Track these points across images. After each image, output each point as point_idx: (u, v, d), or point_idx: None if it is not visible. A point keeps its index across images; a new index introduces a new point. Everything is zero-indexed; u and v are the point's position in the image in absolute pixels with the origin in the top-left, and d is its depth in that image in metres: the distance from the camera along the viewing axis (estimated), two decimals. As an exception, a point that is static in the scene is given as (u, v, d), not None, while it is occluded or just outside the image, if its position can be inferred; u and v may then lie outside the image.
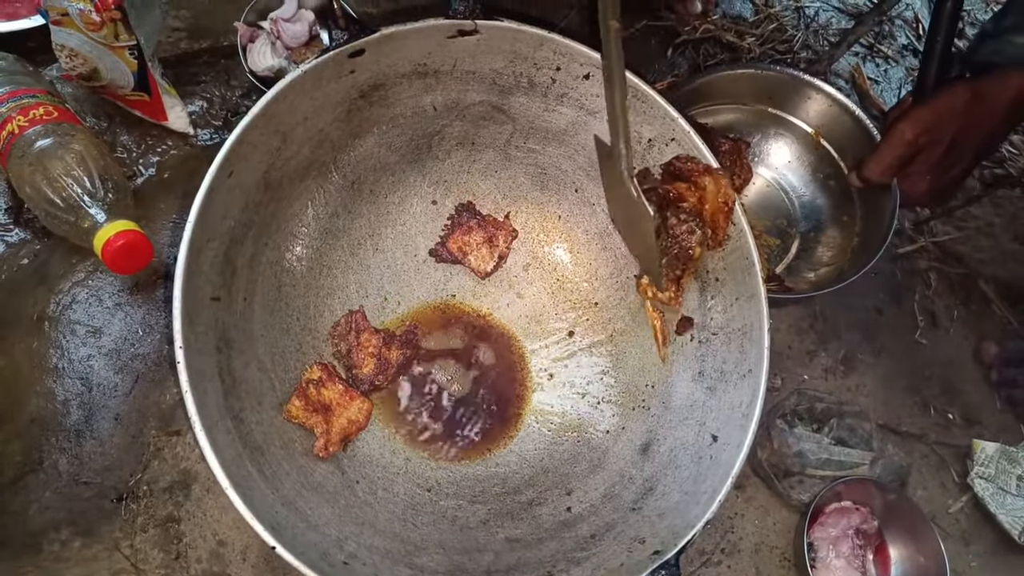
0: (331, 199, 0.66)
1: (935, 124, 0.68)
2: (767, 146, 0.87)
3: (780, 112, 0.85)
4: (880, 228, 0.76)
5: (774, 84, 0.83)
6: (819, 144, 0.84)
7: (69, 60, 0.71)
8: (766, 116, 0.86)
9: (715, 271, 0.64)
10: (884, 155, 0.71)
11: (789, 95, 0.83)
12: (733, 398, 0.60)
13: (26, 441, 0.64)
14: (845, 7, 1.06)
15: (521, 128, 0.68)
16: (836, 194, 0.84)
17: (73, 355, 0.67)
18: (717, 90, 0.83)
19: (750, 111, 0.86)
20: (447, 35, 0.59)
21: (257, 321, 0.60)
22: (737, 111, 0.86)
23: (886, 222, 0.75)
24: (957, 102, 0.68)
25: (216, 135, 0.79)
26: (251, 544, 0.63)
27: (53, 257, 0.70)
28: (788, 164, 0.87)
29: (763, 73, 0.83)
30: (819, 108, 0.83)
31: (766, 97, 0.84)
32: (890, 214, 0.75)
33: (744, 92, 0.84)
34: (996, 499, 0.75)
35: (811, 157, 0.86)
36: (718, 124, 0.85)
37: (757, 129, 0.86)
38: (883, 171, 0.72)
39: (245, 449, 0.53)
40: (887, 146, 0.71)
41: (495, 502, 0.64)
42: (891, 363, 0.83)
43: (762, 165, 0.87)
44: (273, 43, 0.77)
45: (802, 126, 0.85)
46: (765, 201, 0.87)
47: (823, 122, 0.83)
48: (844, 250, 0.81)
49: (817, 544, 0.71)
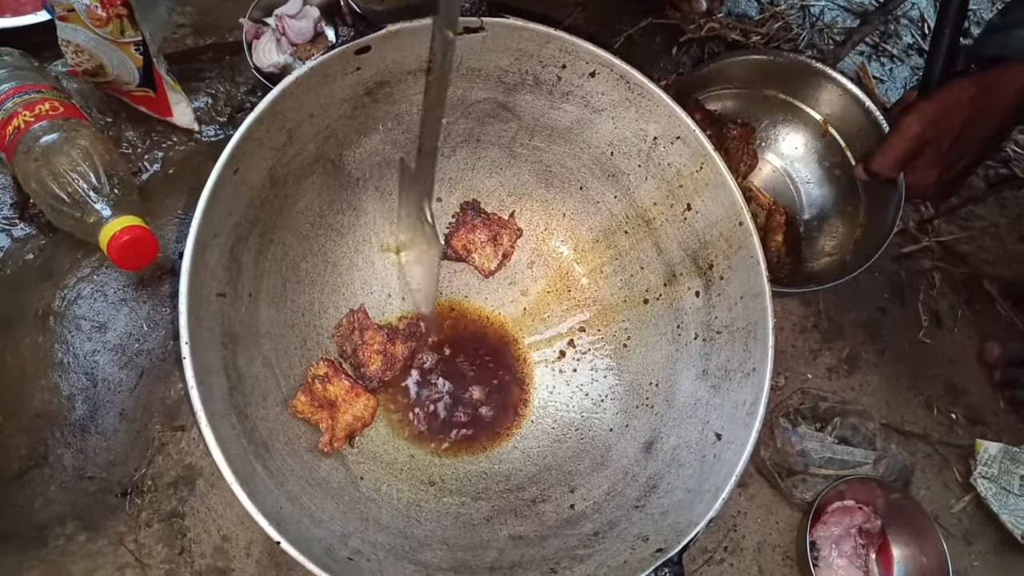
0: (336, 196, 0.66)
1: (941, 118, 0.68)
2: (775, 132, 0.87)
3: (790, 99, 0.85)
4: (884, 221, 0.76)
5: (786, 70, 0.82)
6: (827, 133, 0.84)
7: (75, 56, 0.71)
8: (776, 102, 0.85)
9: (720, 269, 0.64)
10: (891, 149, 0.71)
11: (801, 82, 0.83)
12: (737, 396, 0.60)
13: (31, 435, 0.64)
14: (851, 6, 1.06)
15: (526, 126, 0.68)
16: (842, 184, 0.84)
17: (78, 350, 0.67)
18: (728, 75, 0.83)
19: (760, 96, 0.85)
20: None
21: (262, 317, 0.60)
22: (747, 96, 0.85)
23: (890, 215, 0.75)
24: (963, 96, 0.68)
25: (221, 131, 0.79)
26: (255, 539, 0.63)
27: (58, 252, 0.70)
28: (795, 151, 0.87)
29: (775, 59, 0.82)
30: (830, 97, 0.82)
31: (777, 83, 0.84)
32: (895, 207, 0.75)
33: (755, 77, 0.84)
34: (999, 499, 0.75)
35: (819, 146, 0.85)
36: (727, 109, 0.85)
37: (766, 115, 0.86)
38: (890, 164, 0.72)
39: (250, 445, 0.53)
40: (894, 140, 0.71)
41: (498, 499, 0.64)
42: (895, 362, 0.83)
43: (769, 151, 0.87)
44: (278, 39, 0.77)
45: (812, 114, 0.84)
46: (770, 188, 0.87)
47: (833, 111, 0.83)
48: (847, 241, 0.81)
49: (820, 543, 0.71)
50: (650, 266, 0.70)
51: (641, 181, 0.68)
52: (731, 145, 0.80)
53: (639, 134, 0.65)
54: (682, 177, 0.65)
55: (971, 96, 0.67)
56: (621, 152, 0.67)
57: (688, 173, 0.64)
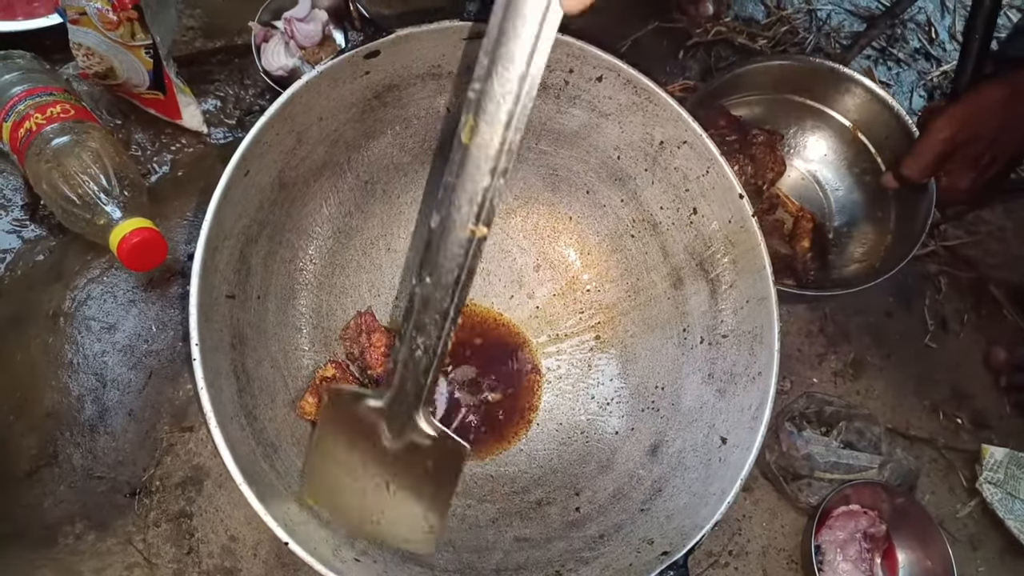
0: (344, 199, 0.66)
1: (973, 121, 0.67)
2: (803, 139, 0.87)
3: (818, 104, 0.84)
4: (914, 226, 0.75)
5: (813, 76, 0.82)
6: (857, 139, 0.83)
7: (86, 59, 0.71)
8: (803, 108, 0.85)
9: (726, 274, 0.64)
10: (922, 153, 0.70)
11: (828, 88, 0.83)
12: (743, 400, 0.60)
13: (41, 435, 0.64)
14: (857, 10, 1.06)
15: (533, 130, 0.68)
16: (871, 190, 0.83)
17: (88, 351, 0.68)
18: (754, 81, 0.83)
19: (786, 102, 0.85)
20: (462, 37, 0.59)
21: (271, 319, 0.61)
22: (773, 102, 0.85)
23: (921, 220, 0.74)
24: (994, 98, 0.67)
25: (230, 134, 0.79)
26: (262, 540, 0.64)
27: (69, 254, 0.71)
28: (824, 157, 0.86)
29: (802, 64, 0.82)
30: (858, 102, 0.82)
31: (804, 89, 0.83)
32: (925, 212, 0.74)
33: (781, 83, 0.83)
34: (1004, 504, 0.75)
35: (848, 151, 0.85)
36: (754, 115, 0.85)
37: (794, 122, 0.86)
38: (921, 170, 0.71)
39: (258, 446, 0.53)
40: (924, 144, 0.70)
41: (504, 501, 0.64)
42: (900, 367, 0.83)
43: (797, 158, 0.87)
44: (287, 43, 0.78)
45: (840, 119, 0.84)
46: (799, 194, 0.86)
47: (861, 116, 0.82)
48: (877, 247, 0.81)
49: (825, 547, 0.71)
50: (656, 270, 0.70)
51: (648, 185, 0.68)
52: (757, 151, 0.80)
53: (646, 138, 0.65)
54: (688, 181, 0.65)
55: (1002, 98, 0.67)
56: (628, 156, 0.67)
57: (694, 177, 0.64)
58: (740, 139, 0.78)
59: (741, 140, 0.79)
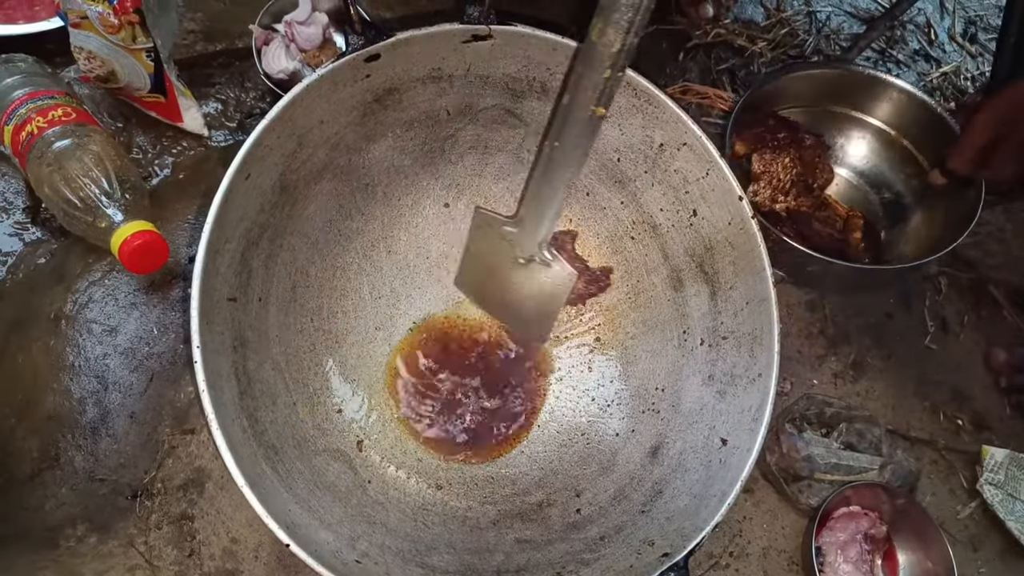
0: (345, 202, 0.66)
1: (1014, 112, 0.69)
2: (848, 148, 0.89)
3: (859, 114, 0.87)
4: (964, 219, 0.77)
5: (850, 83, 0.84)
6: (899, 142, 0.86)
7: (87, 62, 0.72)
8: (844, 118, 0.88)
9: (726, 275, 0.64)
10: (966, 147, 0.72)
11: (866, 94, 0.85)
12: (743, 402, 0.61)
13: (43, 438, 0.64)
14: (857, 12, 1.06)
15: (534, 132, 0.69)
16: (918, 191, 0.86)
17: (89, 353, 0.68)
18: (794, 92, 0.85)
19: (828, 113, 0.88)
20: (462, 40, 0.59)
21: (272, 322, 0.61)
22: (815, 113, 0.88)
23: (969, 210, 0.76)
24: None
25: (230, 137, 0.79)
26: (263, 542, 0.64)
27: (70, 256, 0.71)
28: (868, 164, 0.89)
29: (838, 72, 0.84)
30: (896, 107, 0.84)
31: (845, 99, 0.86)
32: (973, 203, 0.76)
33: (821, 94, 0.86)
34: (1005, 505, 0.75)
35: (892, 155, 0.87)
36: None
37: (838, 132, 0.89)
38: (965, 163, 0.73)
39: (259, 448, 0.54)
40: (967, 137, 0.72)
41: (505, 503, 0.64)
42: (901, 368, 0.83)
43: (844, 167, 0.89)
44: (287, 46, 0.78)
45: (881, 126, 0.86)
46: (848, 200, 0.89)
47: (903, 120, 0.85)
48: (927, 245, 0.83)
49: (825, 548, 0.71)
50: (656, 271, 0.70)
51: (648, 187, 0.68)
52: (806, 153, 0.82)
53: (646, 140, 0.65)
54: (688, 183, 0.65)
55: None
56: (628, 158, 0.67)
57: (694, 179, 0.64)
58: (791, 136, 0.81)
59: (792, 138, 0.81)
